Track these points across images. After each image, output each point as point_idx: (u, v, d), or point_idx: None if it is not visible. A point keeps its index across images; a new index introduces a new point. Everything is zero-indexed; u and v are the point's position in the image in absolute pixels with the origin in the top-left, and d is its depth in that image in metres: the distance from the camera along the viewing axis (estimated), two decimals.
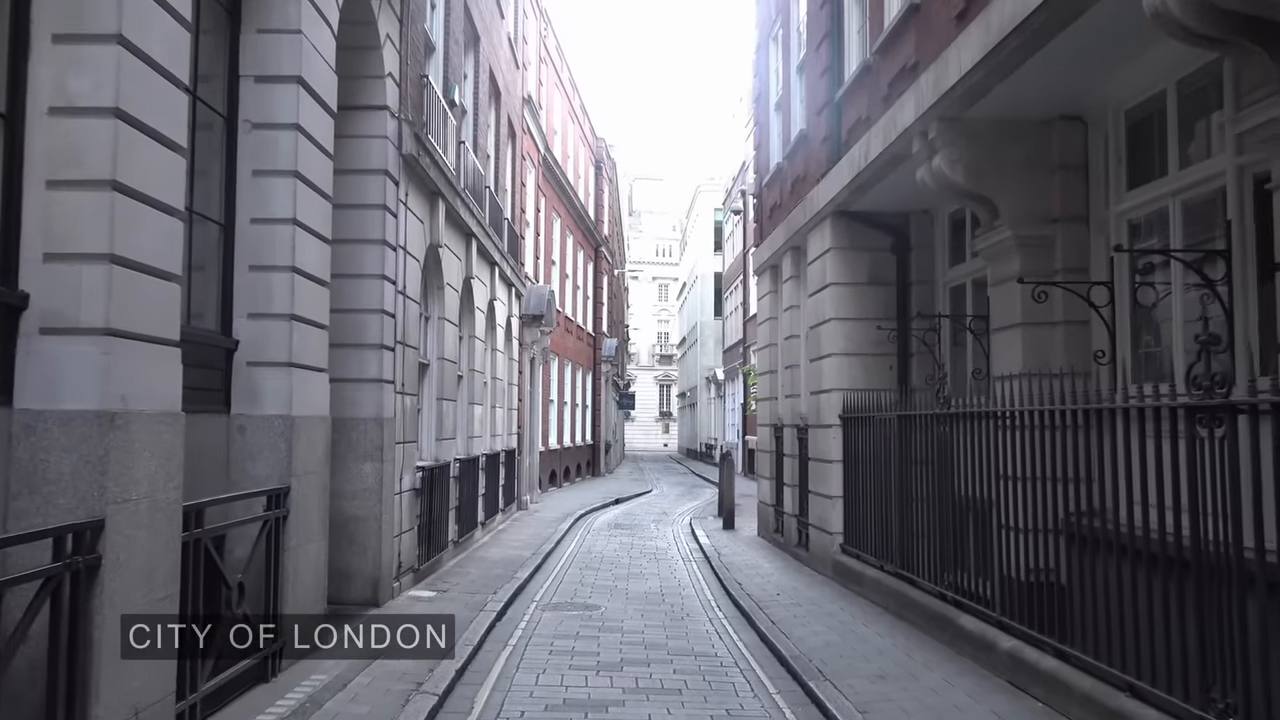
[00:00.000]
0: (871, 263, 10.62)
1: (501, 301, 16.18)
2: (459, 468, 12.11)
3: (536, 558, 12.25)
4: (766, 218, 14.62)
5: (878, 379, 10.41)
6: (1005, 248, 7.33)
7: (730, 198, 39.51)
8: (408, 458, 9.42)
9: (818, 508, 11.10)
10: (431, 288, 11.18)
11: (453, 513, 11.74)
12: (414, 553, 9.67)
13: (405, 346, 9.31)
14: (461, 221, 11.97)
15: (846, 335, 10.54)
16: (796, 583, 10.42)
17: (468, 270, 12.73)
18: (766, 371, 14.44)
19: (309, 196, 6.48)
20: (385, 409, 8.60)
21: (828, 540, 10.67)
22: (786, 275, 12.98)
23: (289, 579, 6.13)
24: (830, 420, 10.63)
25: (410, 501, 9.56)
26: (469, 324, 13.47)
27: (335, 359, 8.27)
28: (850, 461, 10.29)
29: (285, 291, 6.24)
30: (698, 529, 16.15)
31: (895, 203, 10.08)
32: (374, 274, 8.55)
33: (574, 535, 15.59)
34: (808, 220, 11.33)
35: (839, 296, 10.58)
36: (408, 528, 9.44)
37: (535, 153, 21.33)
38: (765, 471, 14.45)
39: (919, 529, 8.29)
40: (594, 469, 32.87)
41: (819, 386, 11.00)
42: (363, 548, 8.41)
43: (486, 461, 14.52)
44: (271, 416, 6.17)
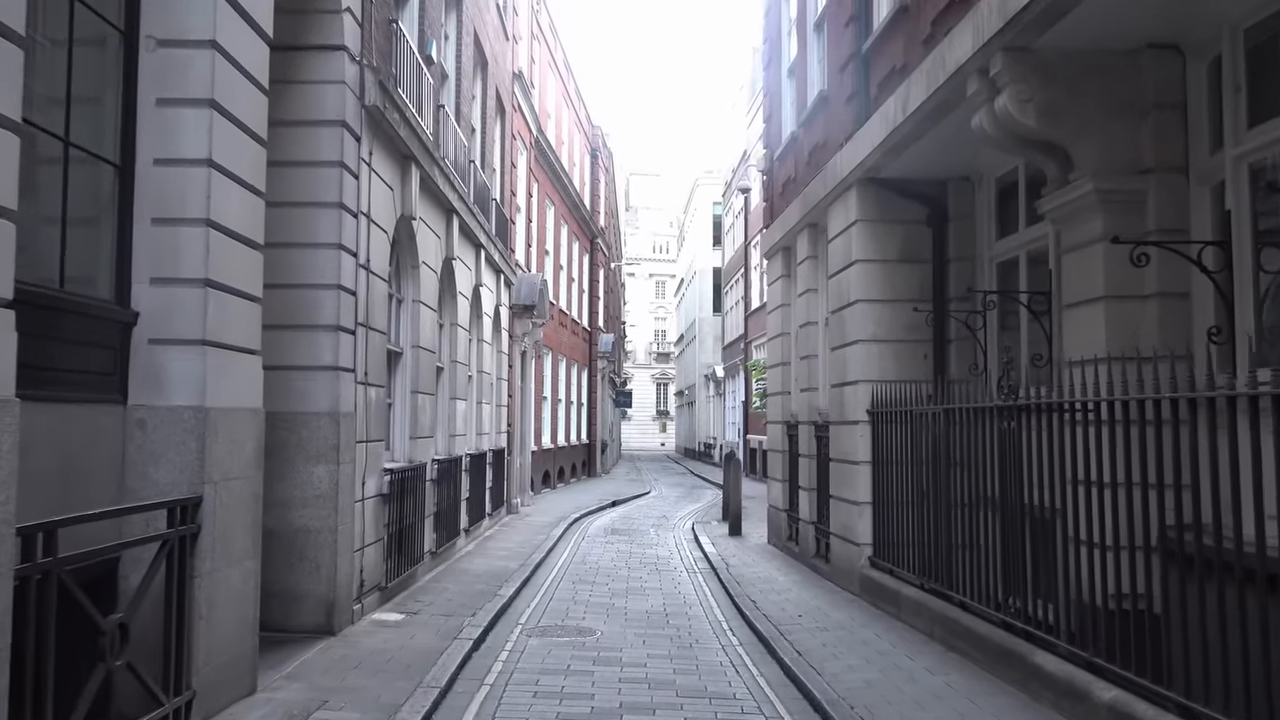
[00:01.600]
0: (904, 237, 9.36)
1: (488, 289, 14.90)
2: (437, 470, 10.83)
3: (525, 569, 10.97)
4: (778, 195, 13.35)
5: (910, 369, 9.16)
6: (1083, 206, 6.06)
7: (731, 190, 38.29)
8: (373, 459, 8.14)
9: (841, 515, 9.83)
10: (405, 267, 9.90)
11: (429, 520, 10.46)
12: (380, 568, 8.38)
13: (370, 330, 8.04)
14: (440, 194, 10.69)
15: (875, 319, 9.27)
16: (819, 601, 9.15)
17: (448, 250, 11.45)
18: (778, 364, 13.18)
19: (231, 134, 5.20)
20: (343, 402, 7.32)
21: (853, 552, 9.41)
22: (802, 256, 11.71)
23: (200, 613, 4.85)
24: (856, 416, 9.36)
25: (376, 509, 8.28)
26: (450, 310, 12.19)
27: (280, 342, 7.03)
28: (881, 463, 9.02)
29: (198, 251, 4.96)
30: (701, 535, 14.89)
31: (932, 167, 8.82)
32: (328, 243, 7.27)
33: (567, 542, 14.32)
34: (829, 192, 10.07)
35: (866, 276, 9.32)
36: (373, 539, 8.17)
37: (527, 133, 20.05)
38: (777, 473, 13.19)
39: (972, 542, 7.03)
40: (590, 469, 31.59)
41: (842, 378, 9.74)
42: (314, 565, 7.13)
43: (471, 462, 13.24)
44: (179, 408, 4.88)
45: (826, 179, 10.15)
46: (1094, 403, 5.44)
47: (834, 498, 10.09)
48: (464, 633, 7.46)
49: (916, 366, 9.19)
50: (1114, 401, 5.27)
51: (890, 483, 8.79)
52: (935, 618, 7.32)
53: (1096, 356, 5.71)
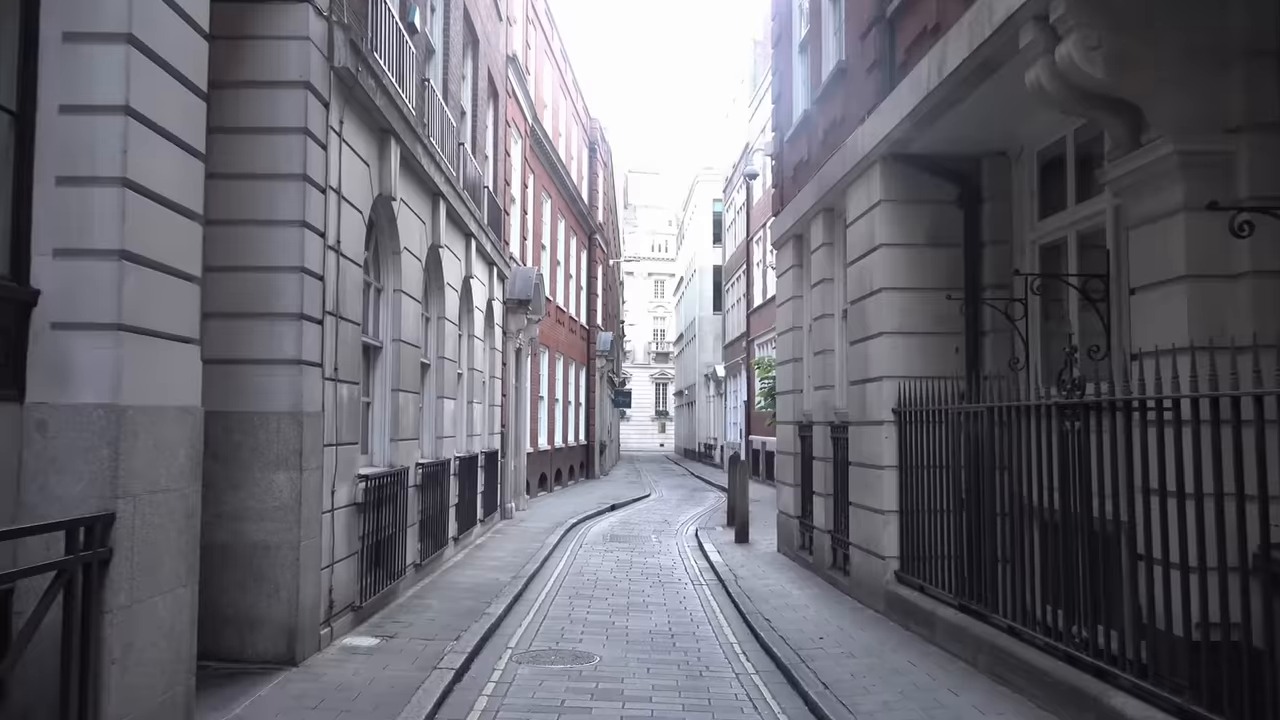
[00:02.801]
0: (933, 218, 8.51)
1: (480, 281, 14.04)
2: (422, 474, 9.97)
3: (517, 582, 10.11)
4: (788, 180, 12.50)
5: (940, 364, 8.32)
6: (1160, 171, 5.21)
7: (732, 185, 37.47)
8: (345, 464, 7.28)
9: (862, 524, 8.98)
10: (384, 253, 9.04)
11: (412, 530, 9.60)
12: (353, 586, 7.52)
13: (341, 320, 7.18)
14: (425, 175, 9.83)
15: (901, 310, 8.43)
16: (840, 620, 8.29)
17: (434, 237, 10.59)
18: (789, 360, 12.33)
19: (155, 78, 4.35)
20: (307, 400, 6.47)
21: (876, 566, 8.55)
22: (816, 243, 10.86)
23: (111, 656, 3.98)
24: (879, 416, 8.51)
25: (349, 520, 7.43)
26: (437, 303, 11.33)
27: (234, 332, 6.21)
28: (909, 467, 8.18)
29: (112, 217, 4.10)
30: (706, 542, 14.03)
31: (964, 141, 7.99)
32: (290, 220, 6.41)
33: (564, 550, 13.46)
34: (847, 171, 9.22)
35: (891, 261, 8.47)
36: (344, 554, 7.31)
37: (521, 121, 19.19)
38: (787, 477, 12.34)
39: (1021, 558, 6.19)
40: (588, 471, 30.73)
41: (864, 375, 8.89)
42: (274, 586, 6.27)
43: (461, 466, 12.38)
44: (88, 407, 4.02)
45: (845, 158, 9.30)
46: (1178, 400, 4.60)
47: (854, 505, 9.24)
48: (445, 661, 6.60)
49: (947, 361, 8.34)
50: (1203, 399, 4.44)
51: (920, 490, 7.95)
52: (978, 644, 6.47)
53: (1174, 346, 4.87)
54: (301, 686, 5.86)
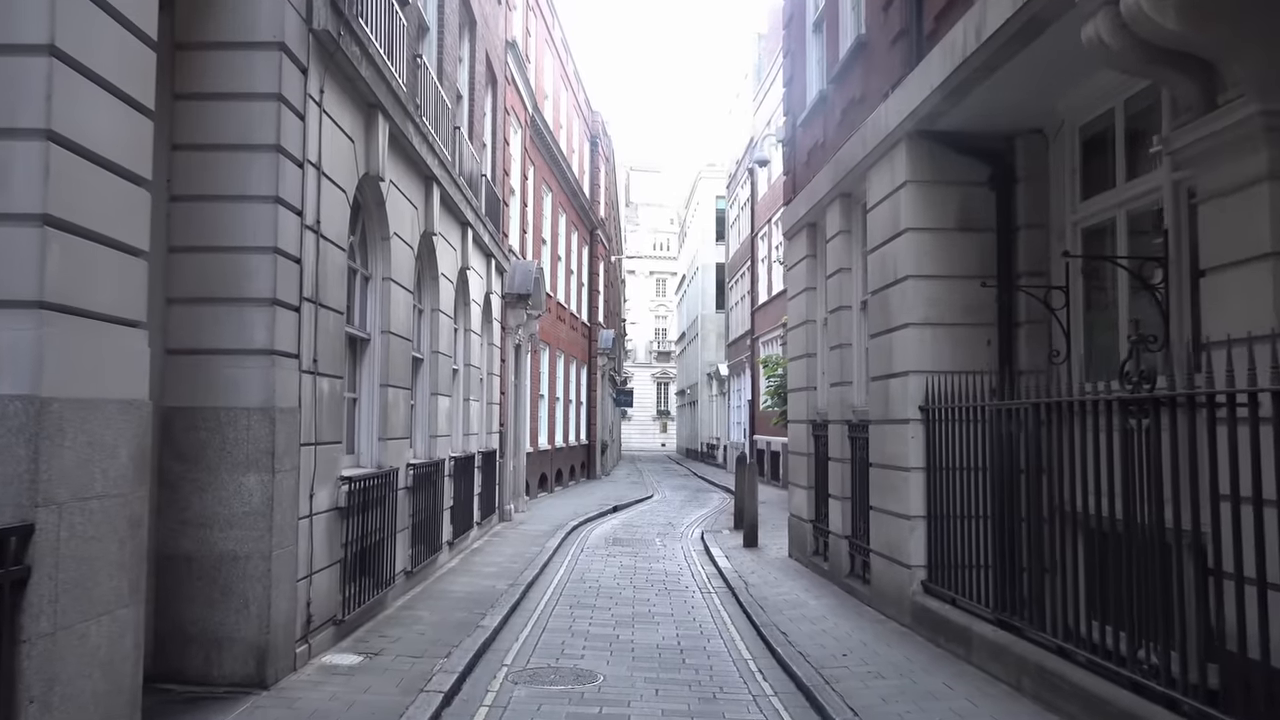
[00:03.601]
0: (962, 201, 7.90)
1: (477, 273, 13.43)
2: (413, 476, 9.36)
3: (515, 590, 9.51)
4: (801, 165, 11.88)
5: (970, 358, 7.71)
6: (1241, 136, 4.58)
7: (736, 181, 36.87)
8: (325, 465, 6.67)
9: (885, 530, 8.36)
10: (373, 238, 8.43)
11: (403, 535, 8.99)
12: (335, 598, 6.91)
13: (322, 308, 6.57)
14: (417, 157, 9.22)
15: (928, 299, 7.81)
16: (863, 634, 7.68)
17: (427, 224, 9.98)
18: (801, 356, 11.71)
19: (91, 15, 3.74)
20: (281, 395, 5.85)
21: (901, 575, 7.94)
22: (832, 231, 10.24)
23: (29, 695, 3.37)
24: (904, 414, 7.90)
25: (330, 526, 6.81)
26: (431, 294, 10.72)
27: (199, 320, 5.62)
28: (938, 469, 7.56)
29: (33, 174, 3.49)
30: (713, 546, 13.42)
31: (997, 117, 7.39)
32: (262, 195, 5.79)
33: (564, 555, 12.85)
34: (869, 152, 8.60)
35: (918, 247, 7.86)
36: (325, 563, 6.70)
37: (521, 110, 18.58)
38: (800, 479, 11.72)
39: (1072, 571, 5.57)
40: (589, 471, 30.12)
41: (886, 369, 8.28)
42: (243, 601, 5.66)
43: (456, 466, 11.77)
44: (1, 398, 3.41)
45: (866, 138, 8.69)
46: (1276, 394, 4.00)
47: (875, 509, 8.62)
48: (433, 682, 5.99)
49: (978, 355, 7.73)
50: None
51: (951, 493, 7.33)
52: (1022, 665, 5.85)
53: (1250, 334, 4.26)
54: (271, 714, 5.25)
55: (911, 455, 7.79)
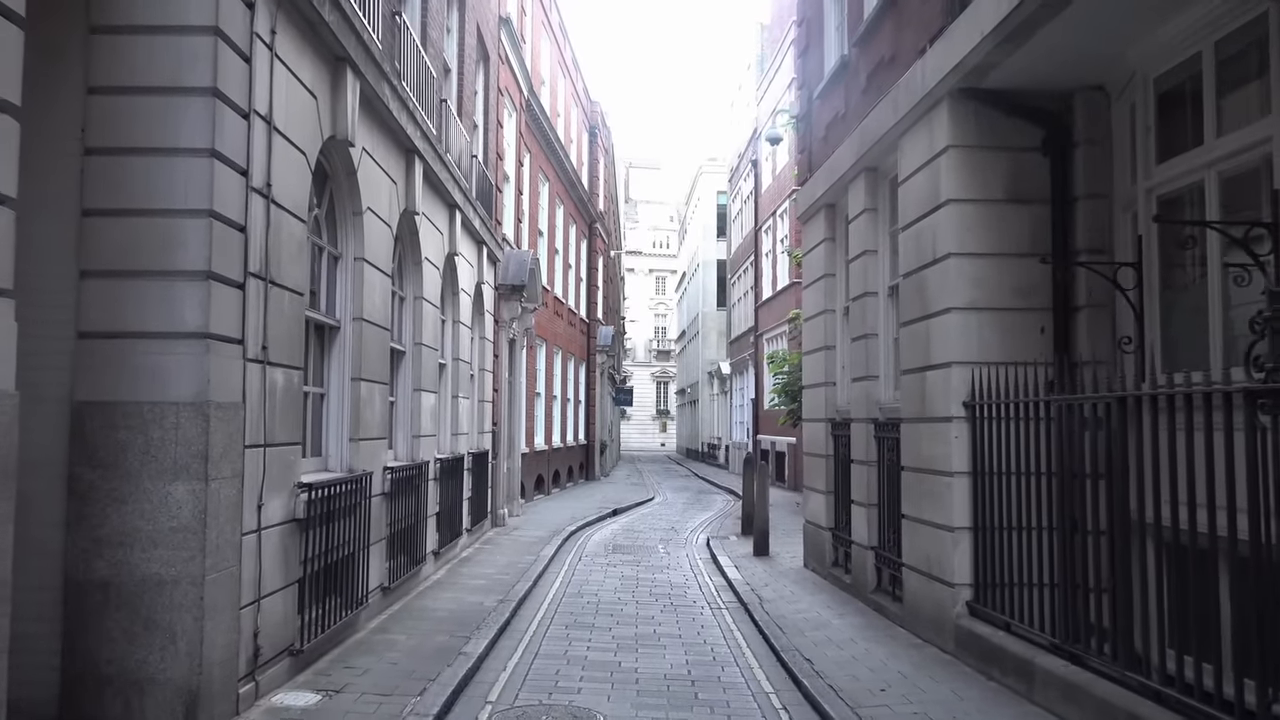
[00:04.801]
0: (1011, 168, 6.95)
1: (467, 261, 12.48)
2: (392, 480, 8.40)
3: (505, 607, 8.56)
4: (818, 141, 10.92)
5: (1020, 347, 6.78)
6: None
7: (739, 173, 35.95)
8: (278, 470, 5.72)
9: (921, 542, 7.41)
10: (342, 213, 7.48)
11: (379, 547, 8.03)
12: (291, 625, 5.95)
13: (274, 286, 5.62)
14: (395, 125, 8.27)
15: (973, 280, 6.87)
16: (899, 661, 6.72)
17: (409, 201, 9.03)
18: (818, 349, 10.75)
19: None
20: (218, 387, 4.90)
21: (942, 594, 6.99)
22: (856, 210, 9.28)
23: None
24: (945, 410, 6.95)
25: (285, 541, 5.86)
26: (414, 281, 9.77)
27: (116, 297, 4.72)
28: (986, 474, 6.61)
29: None
30: (720, 554, 12.48)
31: (1052, 73, 6.47)
32: (194, 148, 4.84)
33: (561, 564, 11.90)
34: (901, 117, 7.65)
35: (961, 221, 6.91)
36: (278, 585, 5.74)
37: (516, 91, 17.62)
38: (817, 483, 10.76)
39: (1172, 599, 4.63)
40: (588, 472, 29.17)
41: (923, 361, 7.33)
42: (169, 634, 4.70)
43: (443, 469, 10.82)
44: None
45: (898, 101, 7.74)
46: None
47: (908, 519, 7.67)
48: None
49: (1030, 343, 6.79)
50: None
51: (1003, 501, 6.38)
52: (1108, 711, 4.88)
53: None
54: None
55: (955, 458, 6.84)
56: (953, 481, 6.84)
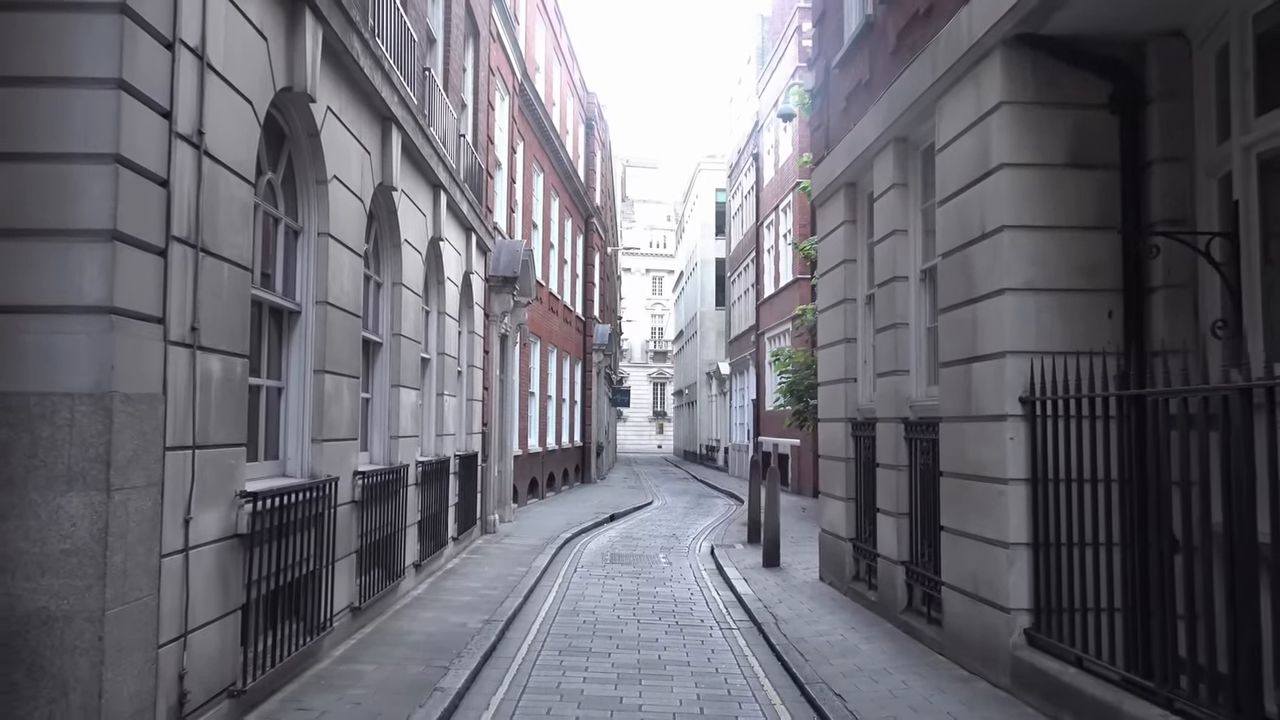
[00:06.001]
0: (1074, 129, 6.03)
1: (453, 248, 11.54)
2: (364, 486, 7.45)
3: (491, 629, 7.62)
4: (837, 114, 9.99)
5: (1084, 335, 5.87)
6: None
7: (739, 167, 35.07)
8: (215, 477, 4.77)
9: (967, 558, 6.47)
10: (304, 180, 6.53)
11: (346, 563, 7.08)
12: (231, 661, 4.99)
13: (208, 256, 4.67)
14: (369, 87, 7.34)
15: (1031, 257, 5.94)
16: (946, 699, 5.79)
17: (385, 174, 8.08)
18: (837, 342, 9.82)
19: None
20: (128, 375, 3.95)
21: (993, 620, 6.05)
22: (882, 186, 8.35)
23: None
24: (997, 407, 6.02)
25: (223, 562, 4.91)
26: (393, 265, 8.83)
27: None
28: (1049, 480, 5.67)
29: None
30: (726, 564, 11.57)
31: (1123, 16, 5.55)
32: (96, 77, 3.89)
33: (554, 576, 10.95)
34: (941, 75, 6.73)
35: (1017, 188, 5.98)
36: (214, 615, 4.79)
37: (509, 73, 16.68)
38: (835, 488, 9.83)
39: None
40: (584, 475, 28.23)
41: (968, 351, 6.41)
42: (59, 685, 3.75)
43: (425, 473, 9.88)
44: None
45: (937, 57, 6.82)
46: None
47: (950, 531, 6.74)
48: None
49: (1096, 329, 5.87)
50: None
51: (1070, 513, 5.46)
52: None
53: None
54: None
55: (1010, 462, 5.90)
56: (1007, 490, 5.91)
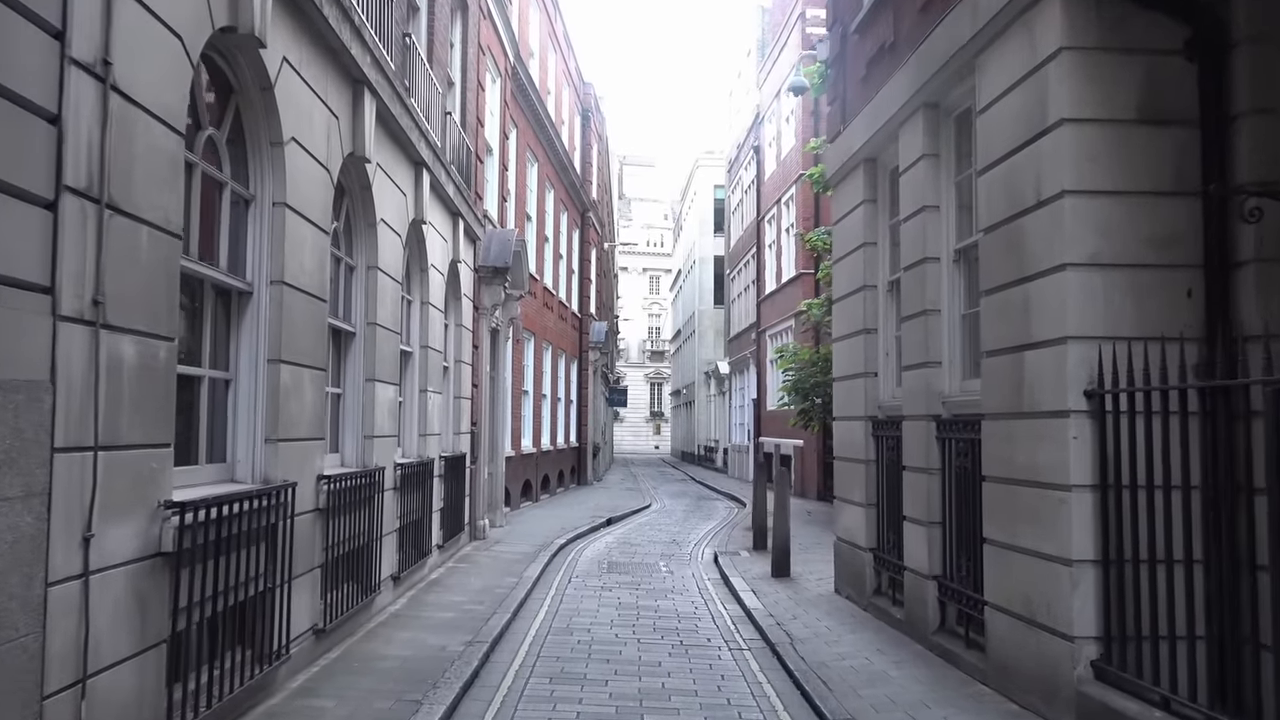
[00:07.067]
0: (1145, 79, 5.21)
1: (438, 233, 10.70)
2: (330, 492, 6.60)
3: (474, 651, 6.79)
4: (855, 84, 9.16)
5: (1158, 315, 5.07)
6: None
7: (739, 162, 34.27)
8: (125, 484, 3.94)
9: (1017, 576, 5.64)
10: (254, 139, 5.68)
11: (307, 580, 6.23)
12: (152, 705, 4.13)
13: (122, 216, 3.84)
14: (336, 43, 6.50)
15: (1097, 227, 5.13)
16: None
17: (356, 144, 7.24)
18: (853, 334, 9.00)
19: None
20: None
21: (1053, 649, 5.22)
22: (910, 158, 7.52)
23: None
24: (1057, 402, 5.19)
25: (140, 587, 4.06)
26: (366, 247, 7.99)
27: None
28: (1121, 487, 4.85)
29: None
30: (732, 574, 10.75)
31: None
32: None
33: (547, 587, 10.12)
34: (985, 24, 5.90)
35: (1080, 147, 5.16)
36: (125, 653, 3.94)
37: (500, 54, 15.84)
38: (853, 492, 9.00)
39: None
40: (580, 477, 27.38)
41: (1020, 337, 5.58)
42: None
43: (406, 476, 9.03)
44: None
45: (978, 7, 5.99)
46: None
47: (994, 544, 5.91)
48: None
49: (1172, 310, 5.06)
50: None
51: (1149, 525, 4.63)
52: None
53: None
54: None
55: (1073, 465, 5.07)
56: (1069, 497, 5.08)
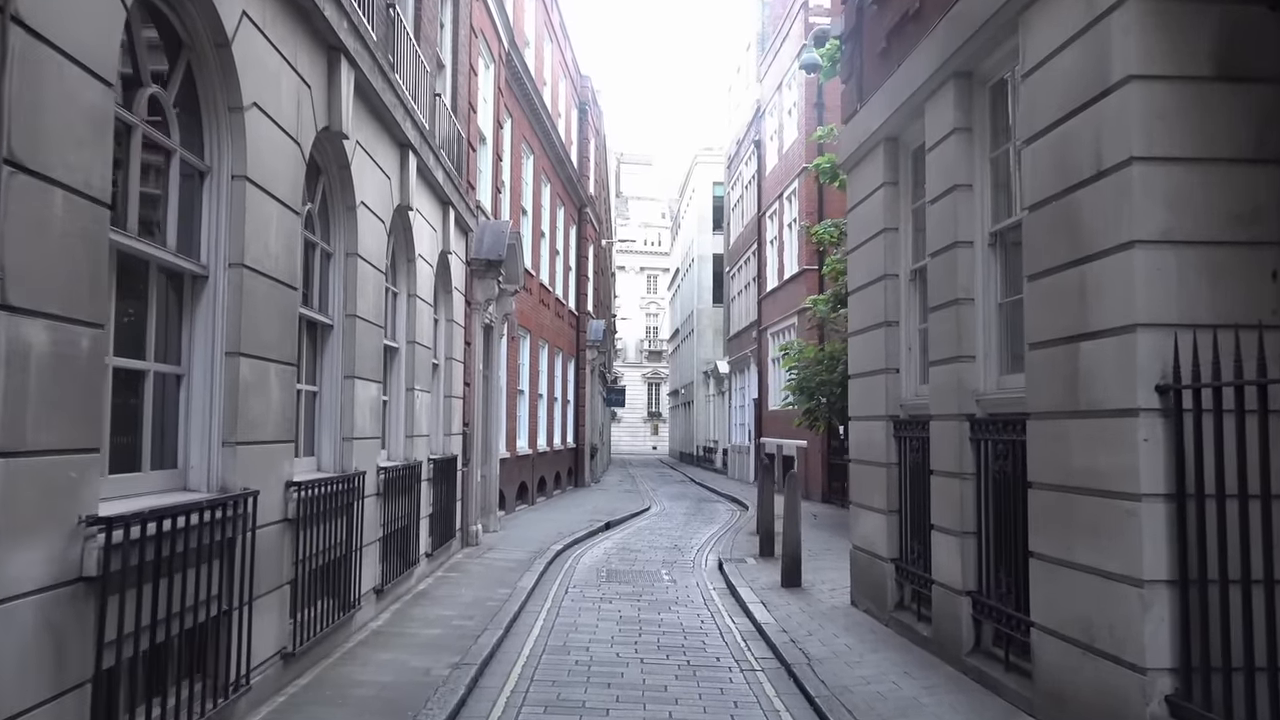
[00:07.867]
0: (1223, 31, 4.58)
1: (427, 222, 10.06)
2: (301, 499, 5.95)
3: (461, 675, 6.15)
4: (873, 59, 8.52)
5: (1240, 300, 4.44)
6: None
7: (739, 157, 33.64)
8: (35, 497, 3.30)
9: (1075, 596, 5.00)
10: (210, 105, 5.03)
11: (274, 598, 5.58)
12: None
13: (28, 176, 3.20)
14: (309, 2, 5.86)
15: (1168, 200, 4.49)
16: None
17: (332, 118, 6.59)
18: (872, 326, 8.36)
19: None
20: None
21: (1120, 682, 4.57)
22: (939, 133, 6.88)
23: None
24: (1124, 398, 4.55)
25: (56, 618, 3.41)
26: (345, 233, 7.35)
27: None
28: (1200, 497, 4.21)
29: None
30: (739, 584, 10.11)
31: None
32: None
33: (542, 598, 9.47)
34: None
35: (1150, 107, 4.53)
36: (41, 696, 3.29)
37: (494, 38, 15.19)
38: (873, 498, 8.36)
39: None
40: (577, 478, 26.75)
41: (1075, 326, 4.94)
42: None
43: (390, 480, 8.39)
44: None
45: None
46: None
47: (1044, 559, 5.27)
48: None
49: (1256, 294, 4.43)
50: None
51: (1242, 541, 3.99)
52: None
53: None
54: None
55: (1144, 471, 4.43)
56: (1139, 508, 4.44)
